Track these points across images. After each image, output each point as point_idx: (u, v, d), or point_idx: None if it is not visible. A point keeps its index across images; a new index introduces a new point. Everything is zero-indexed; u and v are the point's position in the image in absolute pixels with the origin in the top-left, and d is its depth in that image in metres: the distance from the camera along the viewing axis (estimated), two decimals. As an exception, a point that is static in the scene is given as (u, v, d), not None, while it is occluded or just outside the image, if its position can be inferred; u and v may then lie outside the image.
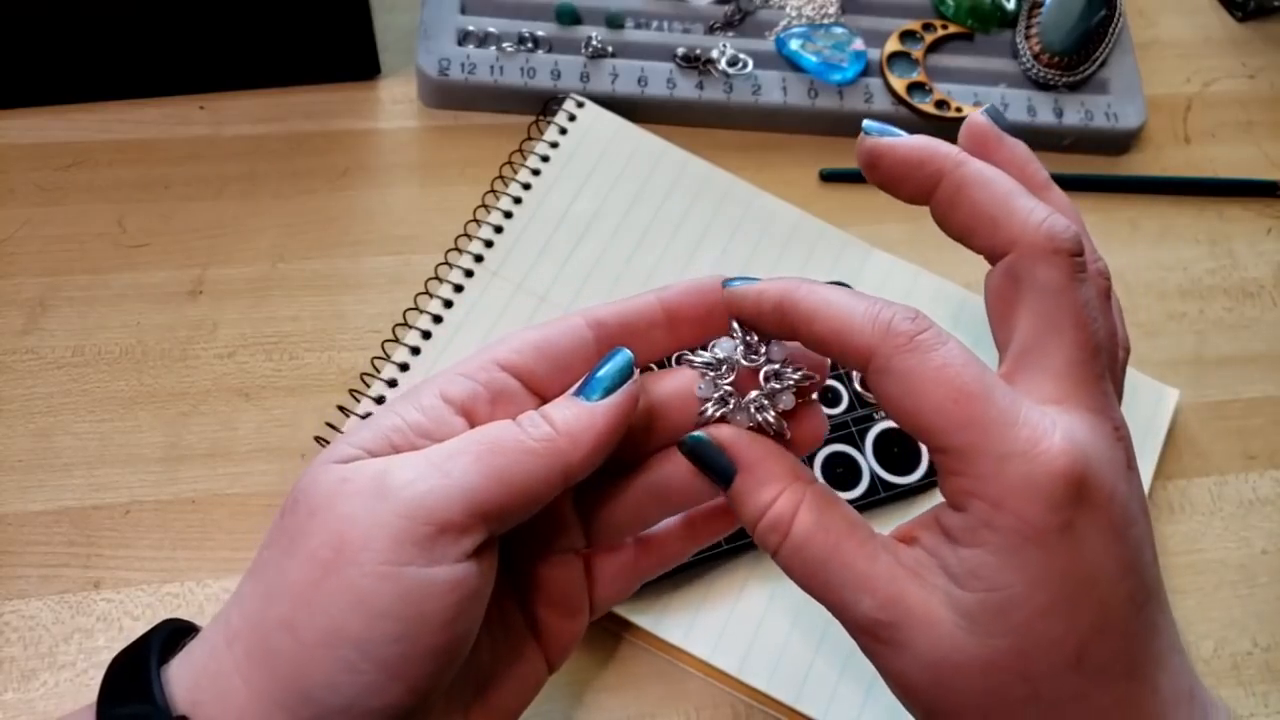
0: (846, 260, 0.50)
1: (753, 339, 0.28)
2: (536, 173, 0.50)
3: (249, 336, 0.46)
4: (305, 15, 0.50)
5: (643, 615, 0.41)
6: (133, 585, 0.41)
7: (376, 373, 0.45)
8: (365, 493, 0.25)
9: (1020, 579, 0.24)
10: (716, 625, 0.41)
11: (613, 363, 0.28)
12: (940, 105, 0.55)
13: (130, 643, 0.28)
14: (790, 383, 0.28)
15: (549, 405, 0.28)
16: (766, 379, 0.28)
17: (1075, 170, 0.56)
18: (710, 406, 0.28)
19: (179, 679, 0.26)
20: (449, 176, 0.52)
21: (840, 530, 0.26)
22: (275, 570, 0.26)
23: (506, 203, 0.49)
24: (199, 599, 0.41)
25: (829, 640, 0.41)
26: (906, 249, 0.51)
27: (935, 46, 0.57)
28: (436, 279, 0.48)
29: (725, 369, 0.28)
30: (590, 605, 0.32)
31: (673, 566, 0.33)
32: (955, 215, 0.27)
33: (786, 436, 0.28)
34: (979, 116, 0.29)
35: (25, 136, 0.50)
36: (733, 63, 0.54)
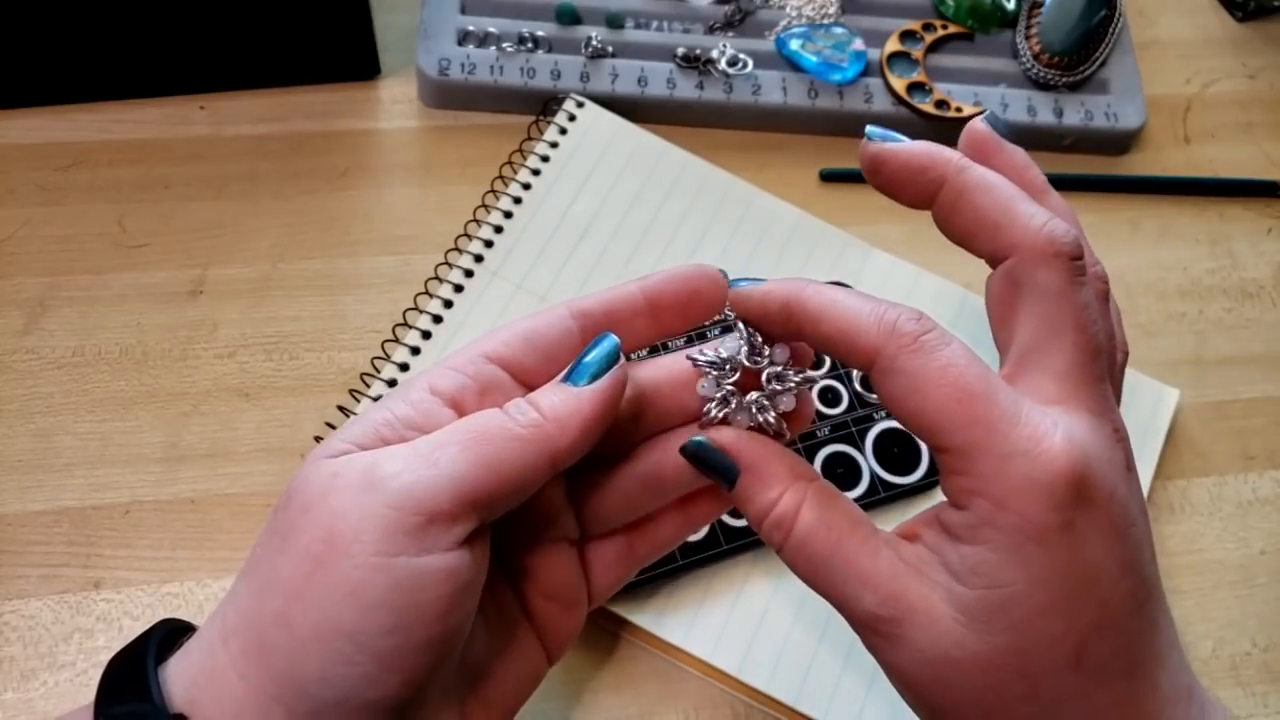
0: (846, 260, 0.50)
1: (757, 340, 0.28)
2: (536, 173, 0.50)
3: (249, 336, 0.46)
4: (305, 15, 0.50)
5: (642, 615, 0.41)
6: (133, 585, 0.41)
7: (376, 373, 0.45)
8: (354, 486, 0.25)
9: (1021, 577, 0.24)
10: (716, 625, 0.41)
11: (599, 348, 0.28)
12: (940, 105, 0.55)
13: (128, 643, 0.28)
14: (792, 385, 0.28)
15: (536, 392, 0.28)
16: (768, 380, 0.28)
17: (1075, 170, 0.56)
18: (714, 407, 0.28)
19: (176, 677, 0.27)
20: (449, 176, 0.52)
21: (842, 527, 0.27)
22: (268, 567, 0.26)
23: (506, 203, 0.49)
24: (199, 599, 0.41)
25: (829, 640, 0.41)
26: (906, 249, 0.51)
27: (935, 46, 0.57)
28: (436, 279, 0.48)
29: (729, 369, 0.28)
30: (588, 594, 0.32)
31: (668, 550, 0.33)
32: (957, 220, 0.27)
33: (786, 436, 0.28)
34: (979, 123, 0.30)
35: (25, 136, 0.50)
36: (733, 63, 0.54)
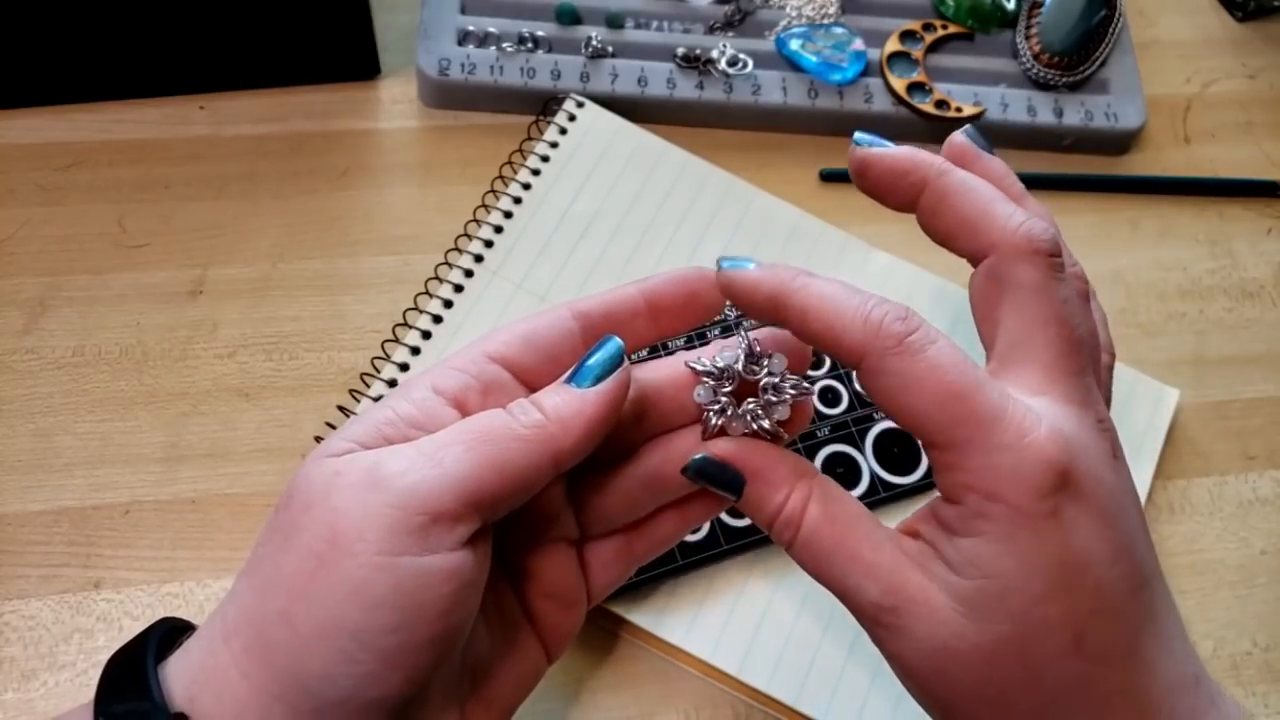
0: (846, 260, 0.50)
1: (756, 348, 0.28)
2: (536, 173, 0.50)
3: (249, 336, 0.46)
4: (305, 15, 0.50)
5: (642, 615, 0.41)
6: (133, 585, 0.41)
7: (376, 373, 0.45)
8: (358, 484, 0.25)
9: (1015, 566, 0.25)
10: (716, 625, 0.41)
11: (603, 350, 0.28)
12: (940, 105, 0.55)
13: (127, 641, 0.28)
14: (788, 396, 0.28)
15: (539, 393, 0.28)
16: (765, 390, 0.28)
17: (1075, 170, 0.56)
18: (712, 415, 0.28)
19: (176, 676, 0.27)
20: (449, 176, 0.52)
21: (846, 521, 0.27)
22: (271, 565, 0.26)
23: (506, 203, 0.49)
24: (199, 599, 0.41)
25: (829, 640, 0.41)
26: (906, 249, 0.51)
27: (935, 46, 0.57)
28: (436, 279, 0.48)
29: (726, 378, 0.28)
30: (587, 593, 0.32)
31: (667, 549, 0.33)
32: (938, 221, 0.28)
33: (784, 439, 0.29)
34: (959, 135, 0.31)
35: (25, 136, 0.50)
36: (733, 63, 0.54)
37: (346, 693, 0.25)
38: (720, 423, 0.28)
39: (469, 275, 0.47)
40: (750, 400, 0.28)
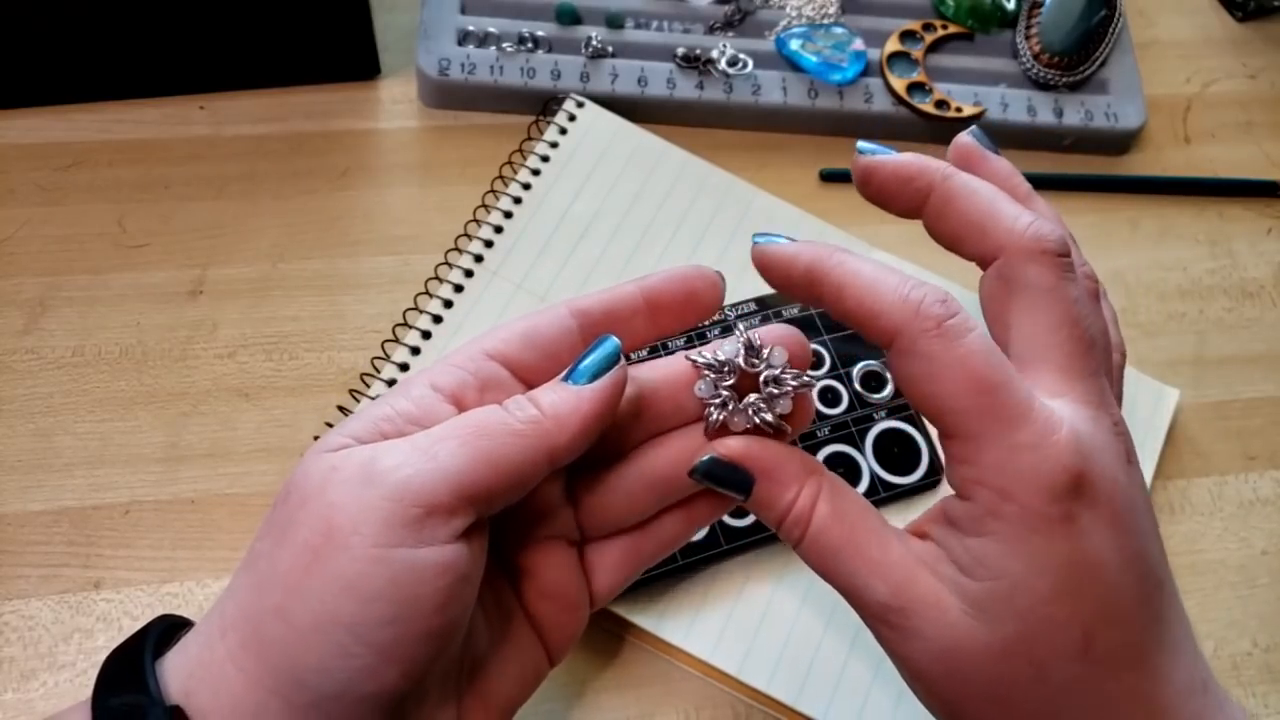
0: (846, 260, 0.50)
1: (755, 342, 0.28)
2: (536, 173, 0.50)
3: (249, 336, 0.46)
4: (305, 15, 0.50)
5: (643, 615, 0.41)
6: (133, 585, 0.41)
7: (376, 373, 0.45)
8: (353, 479, 0.25)
9: (1025, 567, 0.25)
10: (716, 625, 0.41)
11: (600, 349, 0.28)
12: (940, 105, 0.55)
13: (126, 638, 0.28)
14: (789, 389, 0.28)
15: (536, 390, 0.28)
16: (766, 383, 0.28)
17: (1075, 170, 0.56)
18: (713, 409, 0.28)
19: (174, 671, 0.27)
20: (449, 176, 0.52)
21: (854, 519, 0.27)
22: (267, 560, 0.26)
23: (506, 203, 0.49)
24: (199, 599, 0.41)
25: (829, 640, 0.41)
26: (906, 249, 0.51)
27: (935, 46, 0.57)
28: (436, 279, 0.48)
29: (727, 371, 0.28)
30: (590, 596, 0.32)
31: (673, 551, 0.33)
32: (945, 225, 0.28)
33: (787, 431, 0.29)
34: (965, 136, 0.31)
35: (25, 136, 0.50)
36: (733, 63, 0.54)
37: (342, 686, 0.25)
38: (722, 417, 0.28)
39: (469, 275, 0.47)
40: (753, 394, 0.28)
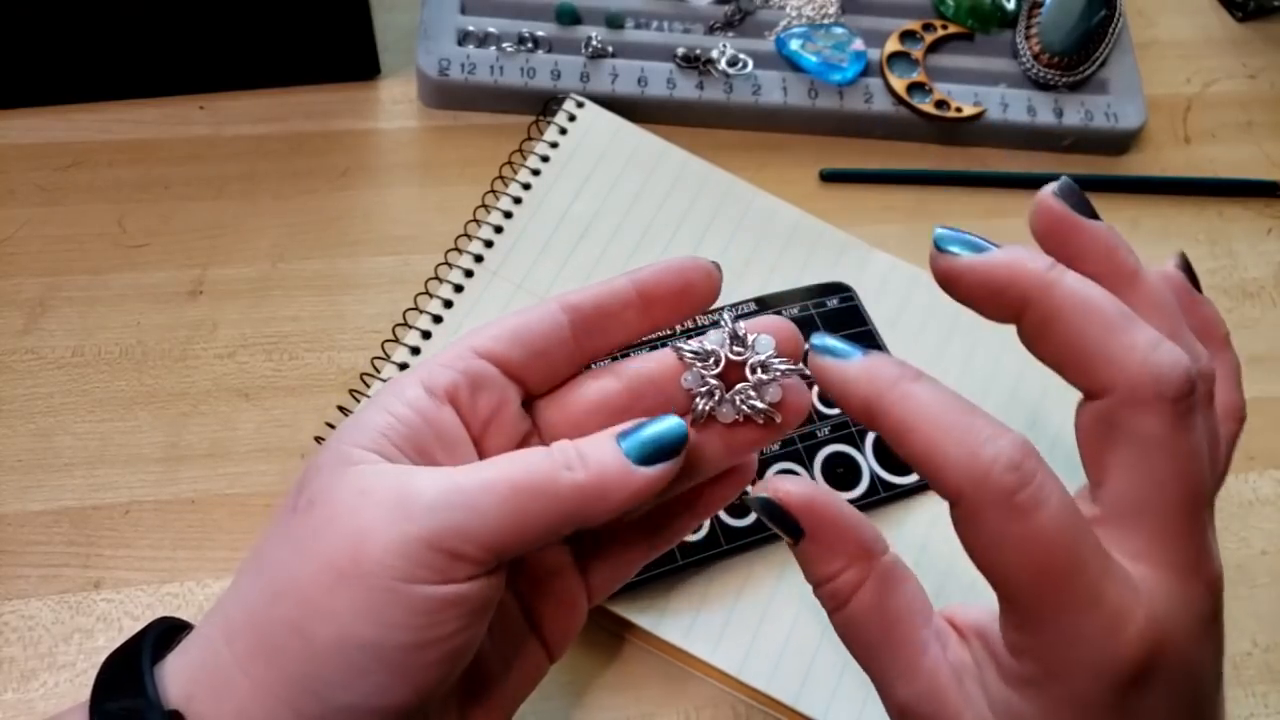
0: (846, 260, 0.50)
1: (740, 331, 0.28)
2: (536, 173, 0.50)
3: (249, 336, 0.46)
4: (305, 15, 0.50)
5: (643, 615, 0.41)
6: (133, 585, 0.41)
7: (376, 373, 0.45)
8: (387, 507, 0.25)
9: None
10: (716, 625, 0.41)
11: (667, 430, 0.26)
12: (940, 105, 0.55)
13: (124, 641, 0.28)
14: (777, 374, 0.28)
15: (589, 446, 0.26)
16: (753, 370, 0.28)
17: (1075, 170, 0.56)
18: (699, 399, 0.28)
19: (174, 674, 0.26)
20: (449, 176, 0.52)
21: (897, 614, 0.26)
22: (283, 570, 0.26)
23: (506, 203, 0.49)
24: (199, 599, 0.41)
25: (829, 640, 0.41)
26: (906, 249, 0.51)
27: (935, 46, 0.57)
28: (436, 279, 0.48)
29: (712, 361, 0.28)
30: (588, 592, 0.32)
31: (669, 547, 0.33)
32: (1044, 347, 0.24)
33: (777, 420, 0.28)
34: (1051, 199, 0.25)
35: (25, 136, 0.50)
36: (733, 63, 0.54)
37: (356, 701, 0.25)
38: (708, 406, 0.28)
39: (469, 275, 0.47)
40: (739, 383, 0.28)
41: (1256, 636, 0.45)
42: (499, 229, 0.49)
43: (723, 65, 0.54)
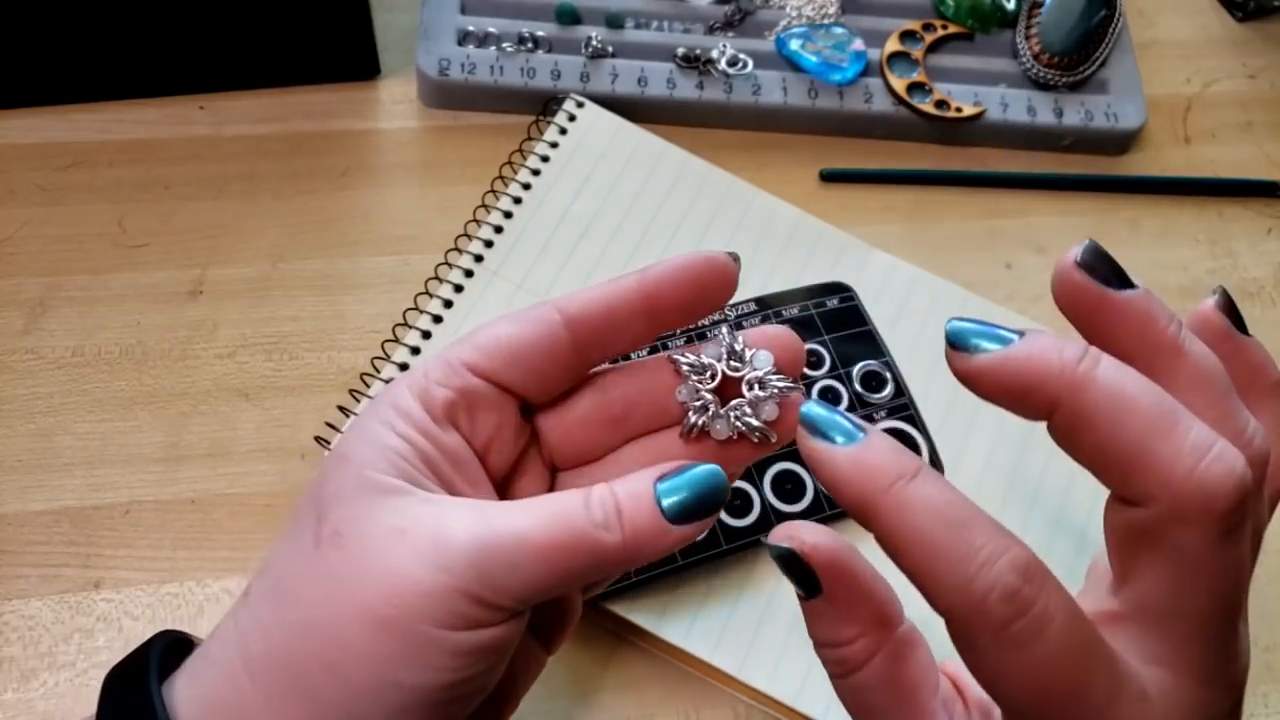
0: (846, 260, 0.50)
1: (738, 346, 0.28)
2: (536, 173, 0.50)
3: (249, 336, 0.46)
4: (305, 15, 0.50)
5: (643, 615, 0.41)
6: (133, 585, 0.41)
7: (376, 373, 0.45)
8: (423, 552, 0.25)
9: None
10: (716, 625, 0.41)
11: (710, 492, 0.25)
12: (940, 105, 0.55)
13: (125, 658, 0.27)
14: (774, 391, 0.27)
15: (628, 502, 0.25)
16: (750, 386, 0.27)
17: (1075, 170, 0.56)
18: (692, 415, 0.27)
19: (187, 702, 0.26)
20: (449, 176, 0.52)
21: (908, 685, 0.24)
22: (312, 607, 0.25)
23: (506, 203, 0.49)
24: (199, 599, 0.41)
25: (829, 640, 0.41)
26: (906, 249, 0.51)
27: (935, 46, 0.57)
28: (436, 279, 0.48)
29: (709, 375, 0.27)
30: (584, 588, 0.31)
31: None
32: (1077, 450, 0.22)
33: (772, 440, 0.27)
34: (1072, 271, 0.23)
35: (25, 136, 0.50)
36: (733, 63, 0.54)
37: None
38: (700, 421, 0.27)
39: (469, 275, 0.47)
40: (735, 399, 0.27)
41: (1257, 636, 0.45)
42: (499, 229, 0.49)
43: (723, 65, 0.54)
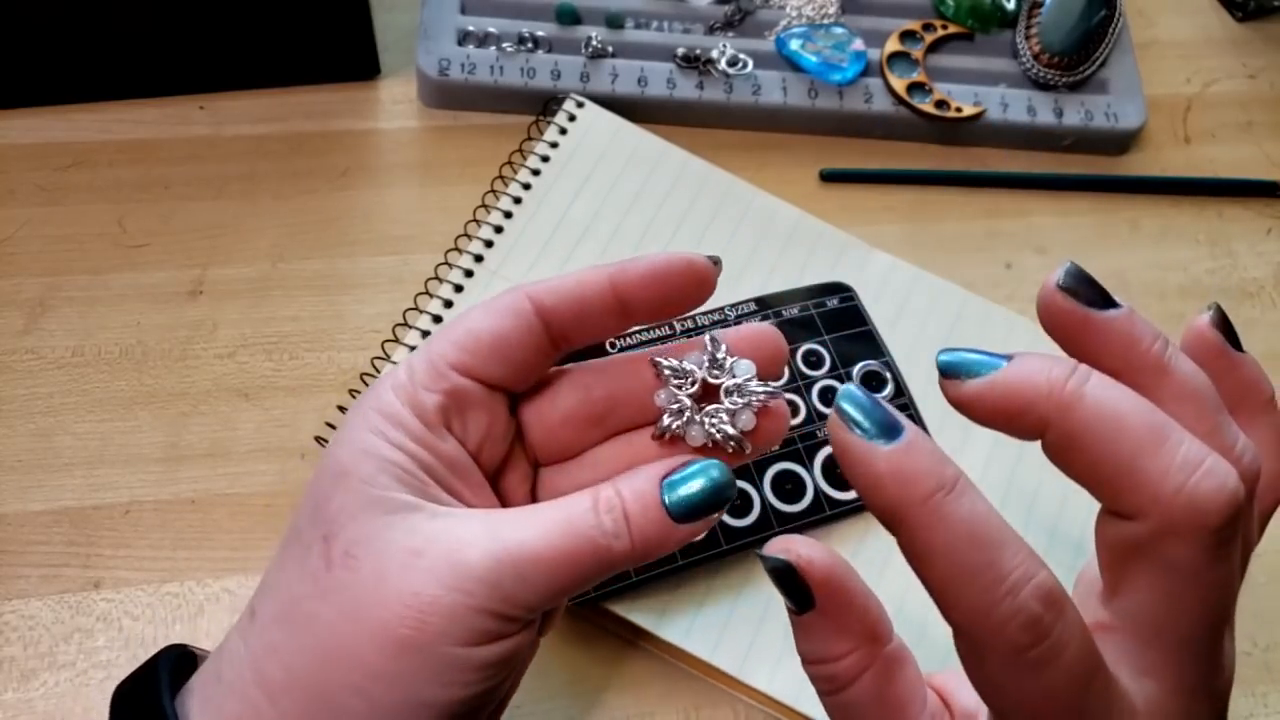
0: (846, 260, 0.50)
1: (720, 354, 0.27)
2: (536, 173, 0.50)
3: (249, 336, 0.46)
4: (305, 15, 0.50)
5: (642, 615, 0.41)
6: (133, 585, 0.41)
7: (376, 373, 0.45)
8: (441, 574, 0.25)
9: None
10: (716, 625, 0.41)
11: (715, 487, 0.26)
12: (940, 105, 0.55)
13: (132, 675, 0.27)
14: (751, 399, 0.27)
15: (635, 508, 0.26)
16: (728, 393, 0.27)
17: (1075, 170, 0.56)
18: (666, 418, 0.27)
19: None
20: (449, 176, 0.52)
21: (896, 703, 0.25)
22: (330, 632, 0.25)
23: (506, 203, 0.49)
24: (199, 599, 0.41)
25: (829, 640, 0.41)
26: (906, 249, 0.51)
27: (935, 46, 0.57)
28: (436, 279, 0.48)
29: (689, 381, 0.27)
30: None
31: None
32: (1070, 468, 0.22)
33: (746, 450, 0.27)
34: (1054, 295, 0.23)
35: (25, 136, 0.50)
36: (733, 63, 0.54)
37: None
38: (675, 425, 0.27)
39: (469, 275, 0.47)
40: (713, 405, 0.27)
41: (1256, 636, 0.45)
42: (499, 229, 0.49)
43: (723, 65, 0.54)
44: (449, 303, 0.47)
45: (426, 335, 0.46)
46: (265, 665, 0.25)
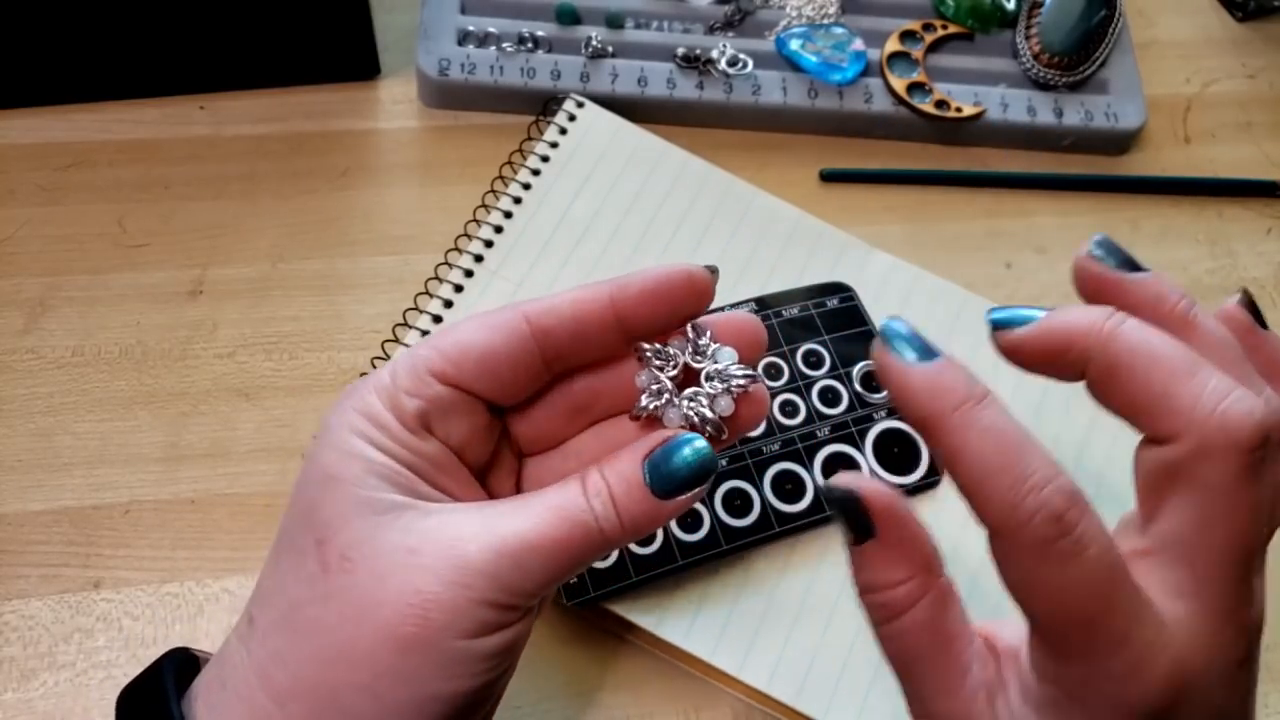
0: (846, 260, 0.50)
1: (703, 341, 0.27)
2: (536, 173, 0.50)
3: (249, 336, 0.46)
4: (305, 15, 0.50)
5: (643, 615, 0.41)
6: (133, 585, 0.41)
7: (376, 373, 0.45)
8: (440, 571, 0.25)
9: None
10: (716, 625, 0.41)
11: (695, 461, 0.26)
12: (940, 105, 0.55)
13: (136, 679, 0.27)
14: (730, 384, 0.27)
15: (621, 493, 0.26)
16: (708, 378, 0.27)
17: (1075, 170, 0.56)
18: (645, 399, 0.27)
19: None
20: (449, 176, 0.52)
21: (947, 634, 0.25)
22: (332, 635, 0.25)
23: (506, 203, 0.49)
24: (199, 599, 0.41)
25: (829, 640, 0.41)
26: (906, 249, 0.51)
27: (935, 46, 0.57)
28: (436, 279, 0.48)
29: (670, 365, 0.27)
30: None
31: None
32: (1110, 399, 0.24)
33: (723, 436, 0.27)
34: (1087, 261, 0.26)
35: (25, 136, 0.50)
36: (733, 63, 0.54)
37: None
38: (652, 406, 0.27)
39: (469, 275, 0.47)
40: (690, 389, 0.27)
41: (1256, 636, 0.45)
42: (499, 229, 0.49)
43: (723, 65, 0.54)
44: (449, 303, 0.47)
45: (426, 335, 0.46)
46: (270, 671, 0.25)
